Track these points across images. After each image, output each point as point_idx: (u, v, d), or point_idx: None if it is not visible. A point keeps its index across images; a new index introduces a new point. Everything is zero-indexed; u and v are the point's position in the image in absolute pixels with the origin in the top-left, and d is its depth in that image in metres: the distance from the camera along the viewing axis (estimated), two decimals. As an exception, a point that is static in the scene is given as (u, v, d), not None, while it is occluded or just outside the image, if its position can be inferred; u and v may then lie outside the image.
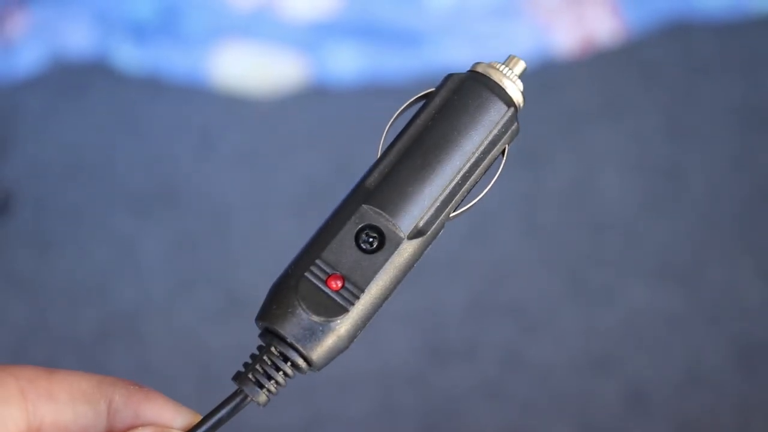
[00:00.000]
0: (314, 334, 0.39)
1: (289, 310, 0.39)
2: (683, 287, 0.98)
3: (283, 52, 1.11)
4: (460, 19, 1.11)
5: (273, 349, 0.40)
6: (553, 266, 0.99)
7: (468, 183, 0.41)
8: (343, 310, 0.39)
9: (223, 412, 0.41)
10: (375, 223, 0.40)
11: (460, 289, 0.98)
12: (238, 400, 0.41)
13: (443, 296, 0.98)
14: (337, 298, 0.39)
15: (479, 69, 0.41)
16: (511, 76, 0.41)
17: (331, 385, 0.93)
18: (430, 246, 0.41)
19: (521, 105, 0.42)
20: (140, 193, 1.03)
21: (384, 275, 0.40)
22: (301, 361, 0.40)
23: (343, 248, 0.40)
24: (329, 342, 0.40)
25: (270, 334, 0.40)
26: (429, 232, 0.40)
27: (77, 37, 1.11)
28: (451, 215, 0.41)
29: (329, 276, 0.40)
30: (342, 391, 0.93)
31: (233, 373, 0.41)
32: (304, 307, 0.39)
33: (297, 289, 0.40)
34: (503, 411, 0.93)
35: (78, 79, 1.10)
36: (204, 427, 0.41)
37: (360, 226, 0.40)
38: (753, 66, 1.11)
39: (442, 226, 0.41)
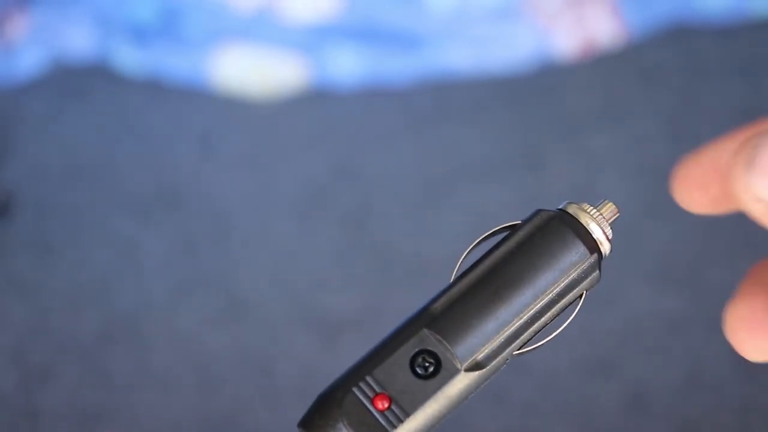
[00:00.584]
0: None
1: (331, 422, 0.39)
2: (684, 290, 0.98)
3: (283, 55, 1.11)
4: (460, 22, 1.11)
5: None
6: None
7: (537, 324, 0.40)
8: (383, 431, 0.39)
9: None
10: (433, 349, 0.39)
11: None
12: None
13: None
14: (381, 419, 0.39)
15: (569, 209, 0.41)
16: (600, 221, 0.41)
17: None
18: (488, 381, 0.41)
19: (607, 252, 0.41)
20: (141, 196, 1.04)
21: (433, 403, 0.39)
22: None
23: (396, 369, 0.39)
24: None
25: None
26: (488, 367, 0.40)
27: (78, 40, 1.11)
28: (515, 353, 0.40)
29: (377, 395, 0.39)
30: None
31: (234, 375, 0.41)
32: (345, 422, 0.39)
33: (342, 404, 0.39)
34: (504, 414, 0.93)
35: (79, 82, 1.10)
36: None
37: (417, 350, 0.39)
38: (754, 69, 1.11)
39: (504, 362, 0.40)
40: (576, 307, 0.41)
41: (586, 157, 1.05)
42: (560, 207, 0.41)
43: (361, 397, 0.39)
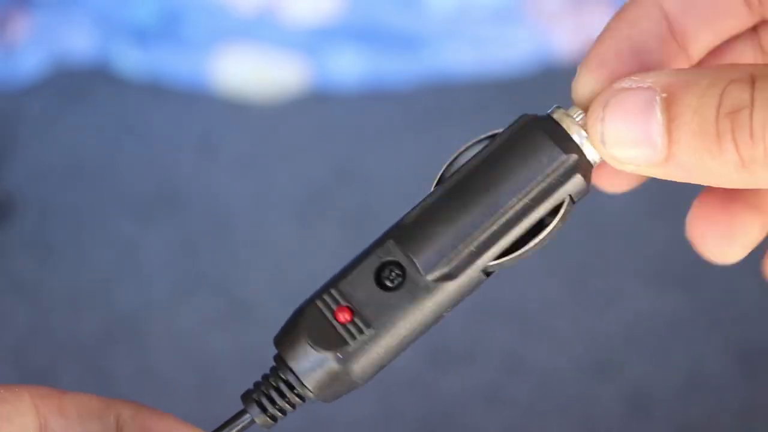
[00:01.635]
0: (316, 365, 0.38)
1: (294, 337, 0.38)
2: (685, 291, 0.98)
3: (284, 56, 1.11)
4: (461, 23, 1.11)
5: (280, 375, 0.39)
6: (554, 270, 0.99)
7: (513, 232, 0.38)
8: (343, 343, 0.38)
9: (231, 429, 0.40)
10: (398, 260, 0.38)
11: (462, 293, 0.98)
12: (244, 422, 0.40)
13: (444, 300, 0.98)
14: (342, 331, 0.38)
15: (554, 114, 0.40)
16: (582, 124, 0.39)
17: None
18: (466, 294, 0.39)
19: (596, 160, 0.39)
20: (142, 197, 1.04)
21: (399, 314, 0.38)
22: (306, 392, 0.39)
23: (360, 281, 0.38)
24: (326, 376, 0.38)
25: (280, 359, 0.39)
26: (459, 278, 0.38)
27: (79, 42, 1.11)
28: (490, 263, 0.38)
29: (339, 307, 0.38)
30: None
31: (234, 375, 0.41)
32: (306, 335, 0.38)
33: (303, 316, 0.38)
34: (504, 415, 0.93)
35: (79, 83, 1.10)
36: None
37: (382, 262, 0.38)
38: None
39: (479, 274, 0.39)
40: (557, 216, 0.38)
41: (587, 158, 1.05)
42: (548, 111, 0.40)
43: (323, 309, 0.38)
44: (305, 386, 0.38)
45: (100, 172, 1.05)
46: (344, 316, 0.38)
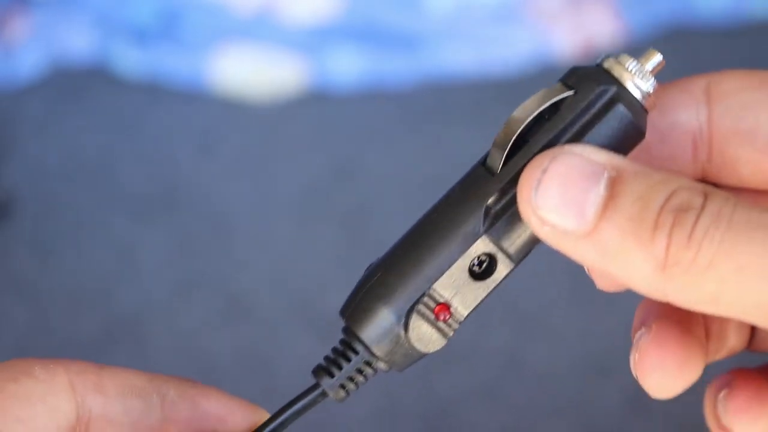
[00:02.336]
0: (402, 353, 0.39)
1: (386, 327, 0.39)
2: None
3: (283, 56, 1.11)
4: (460, 23, 1.11)
5: (352, 348, 0.39)
6: (553, 269, 0.99)
7: None
8: (441, 342, 0.39)
9: (300, 405, 0.41)
10: (493, 254, 0.38)
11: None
12: (316, 395, 0.41)
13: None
14: (443, 328, 0.39)
15: (605, 64, 0.39)
16: (636, 72, 0.39)
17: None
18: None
19: (651, 106, 0.38)
20: (141, 197, 1.04)
21: (482, 301, 0.39)
22: (383, 366, 0.40)
23: (455, 275, 0.38)
24: (415, 359, 0.40)
25: (354, 336, 0.39)
26: (519, 260, 0.39)
27: (78, 42, 1.11)
28: None
29: (437, 306, 0.39)
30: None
31: (234, 375, 0.41)
32: (405, 333, 0.39)
33: (405, 324, 0.38)
34: (503, 414, 0.93)
35: (78, 83, 1.10)
36: (280, 419, 0.41)
37: (478, 255, 0.38)
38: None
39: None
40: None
41: (586, 158, 1.05)
42: (598, 62, 0.39)
43: (424, 309, 0.39)
44: (390, 366, 0.39)
45: (100, 171, 1.05)
46: (444, 316, 0.39)
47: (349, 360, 0.40)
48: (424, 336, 0.39)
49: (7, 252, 1.01)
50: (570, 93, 0.39)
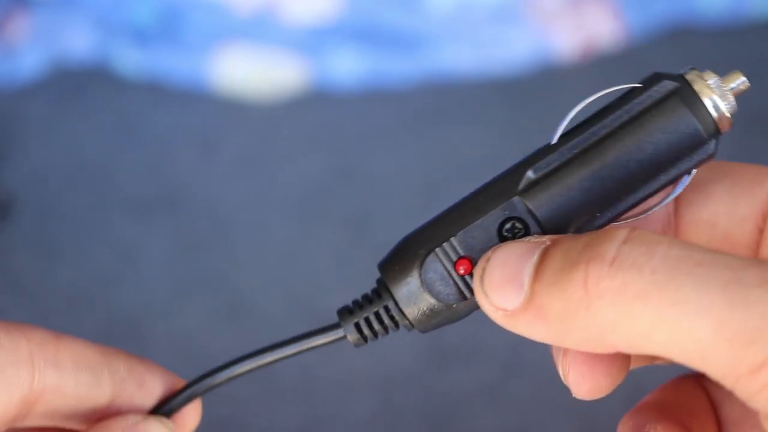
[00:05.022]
0: (426, 310, 0.39)
1: (409, 279, 0.39)
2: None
3: (283, 56, 1.11)
4: (460, 23, 1.11)
5: (384, 305, 0.40)
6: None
7: (633, 201, 0.38)
8: (461, 298, 0.39)
9: (319, 340, 0.41)
10: (522, 218, 0.38)
11: (461, 293, 0.98)
12: (336, 335, 0.41)
13: (444, 300, 0.98)
14: (460, 284, 0.39)
15: (688, 77, 0.38)
16: (720, 93, 0.38)
17: (331, 387, 0.93)
18: None
19: (725, 126, 0.38)
20: (141, 198, 1.04)
21: None
22: (406, 323, 0.40)
23: (482, 232, 0.38)
24: (438, 320, 0.39)
25: (385, 287, 0.40)
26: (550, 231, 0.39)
27: (78, 42, 1.11)
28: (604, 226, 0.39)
29: (459, 258, 0.38)
30: (342, 393, 0.93)
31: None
32: (424, 282, 0.39)
33: (423, 263, 0.38)
34: (505, 413, 0.93)
35: (79, 84, 1.10)
36: (296, 347, 0.41)
37: (506, 216, 0.38)
38: (754, 70, 1.10)
39: None
40: (683, 184, 0.38)
41: (586, 158, 1.05)
42: (682, 73, 0.39)
43: (442, 258, 0.38)
44: (412, 323, 0.39)
45: (100, 172, 1.05)
46: (463, 269, 0.38)
47: (371, 303, 0.40)
48: (438, 283, 0.39)
49: (7, 252, 1.01)
50: (638, 85, 0.38)
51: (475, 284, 0.37)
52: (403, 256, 0.39)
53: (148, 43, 1.11)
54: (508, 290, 0.36)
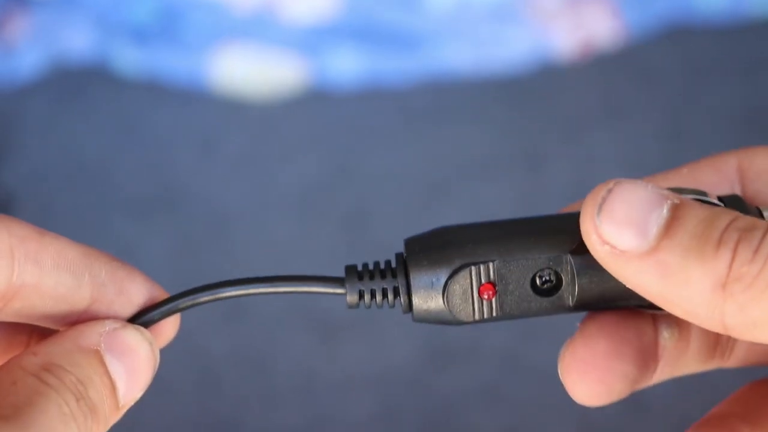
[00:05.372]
0: (434, 311, 0.39)
1: (433, 280, 0.39)
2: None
3: (282, 55, 1.11)
4: (459, 22, 1.11)
5: (395, 285, 0.40)
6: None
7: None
8: (470, 317, 0.39)
9: (318, 288, 0.42)
10: (562, 276, 0.38)
11: (461, 293, 0.98)
12: (335, 289, 0.41)
13: (444, 299, 0.98)
14: (476, 305, 0.39)
15: (765, 212, 0.39)
16: None
17: (331, 387, 0.93)
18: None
19: None
20: (140, 198, 1.04)
21: (523, 315, 0.39)
22: (407, 309, 0.40)
23: (519, 270, 0.38)
24: (437, 321, 0.39)
25: (404, 272, 0.39)
26: (577, 307, 0.40)
27: (78, 41, 1.11)
28: None
29: (488, 283, 0.39)
30: (342, 393, 0.93)
31: (234, 375, 0.41)
32: (446, 289, 0.39)
33: (454, 272, 0.39)
34: (503, 414, 0.93)
35: (78, 83, 1.10)
36: (292, 286, 0.42)
37: (548, 265, 0.38)
38: (754, 69, 1.11)
39: None
40: None
41: (586, 157, 1.05)
42: (760, 209, 0.39)
43: (473, 276, 0.39)
44: (414, 310, 0.39)
45: (100, 171, 1.05)
46: (487, 294, 0.39)
47: (383, 277, 0.40)
48: (456, 298, 0.39)
49: (7, 252, 1.01)
50: (720, 204, 0.39)
51: (587, 210, 0.36)
52: (437, 255, 0.39)
53: (148, 43, 1.11)
54: (628, 231, 0.35)
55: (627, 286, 0.36)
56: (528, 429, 0.93)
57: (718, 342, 0.41)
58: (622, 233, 0.36)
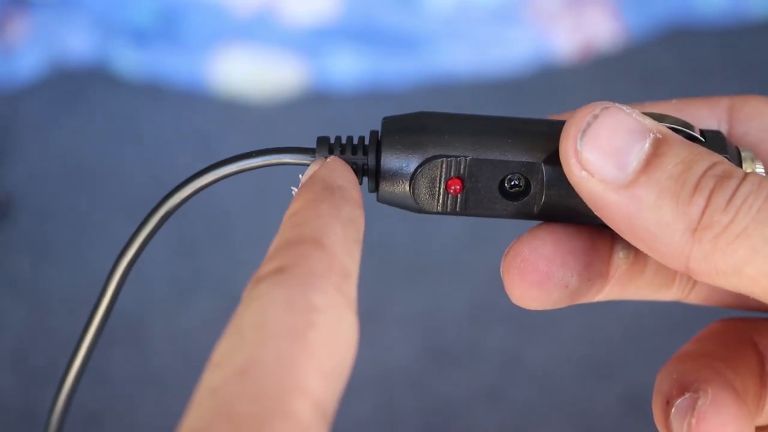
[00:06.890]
0: (399, 194, 0.39)
1: (404, 164, 0.38)
2: (683, 291, 0.98)
3: (282, 57, 1.11)
4: (459, 24, 1.11)
5: (365, 163, 0.39)
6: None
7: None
8: (433, 206, 0.39)
9: (287, 158, 0.41)
10: (531, 182, 0.38)
11: (461, 293, 0.98)
12: (305, 160, 0.41)
13: (444, 300, 0.98)
14: (441, 197, 0.39)
15: (743, 152, 0.39)
16: (759, 172, 0.39)
17: (332, 389, 0.93)
18: None
19: None
20: (140, 197, 1.04)
21: (486, 215, 0.39)
22: (372, 187, 0.39)
23: (490, 170, 0.38)
24: (398, 204, 0.39)
25: (376, 151, 0.39)
26: (543, 215, 0.39)
27: (77, 43, 1.11)
28: None
29: (457, 177, 0.38)
30: (342, 394, 0.93)
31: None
32: (415, 175, 0.38)
33: (427, 161, 0.38)
34: (503, 415, 0.93)
35: (78, 84, 1.10)
36: (262, 160, 0.41)
37: (520, 171, 0.38)
38: (753, 70, 1.11)
39: None
40: None
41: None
42: (738, 148, 0.39)
43: (444, 168, 0.38)
44: (378, 190, 0.39)
45: (99, 172, 1.05)
46: (454, 188, 0.38)
47: (354, 153, 0.39)
48: (423, 188, 0.38)
49: (6, 252, 1.01)
50: (701, 140, 0.38)
51: (570, 133, 0.36)
52: (412, 141, 0.39)
53: (148, 44, 1.11)
54: (608, 161, 0.35)
55: (594, 212, 0.36)
56: (527, 429, 0.92)
57: (677, 274, 0.41)
58: (601, 163, 0.35)
